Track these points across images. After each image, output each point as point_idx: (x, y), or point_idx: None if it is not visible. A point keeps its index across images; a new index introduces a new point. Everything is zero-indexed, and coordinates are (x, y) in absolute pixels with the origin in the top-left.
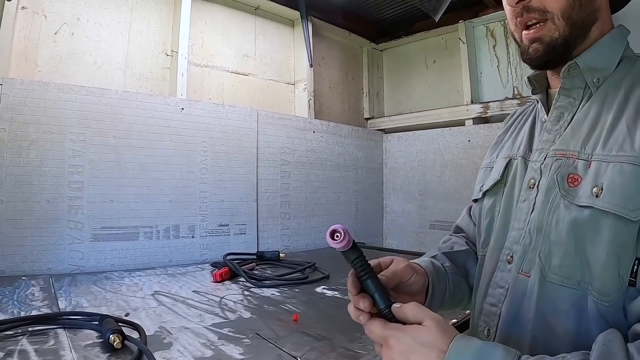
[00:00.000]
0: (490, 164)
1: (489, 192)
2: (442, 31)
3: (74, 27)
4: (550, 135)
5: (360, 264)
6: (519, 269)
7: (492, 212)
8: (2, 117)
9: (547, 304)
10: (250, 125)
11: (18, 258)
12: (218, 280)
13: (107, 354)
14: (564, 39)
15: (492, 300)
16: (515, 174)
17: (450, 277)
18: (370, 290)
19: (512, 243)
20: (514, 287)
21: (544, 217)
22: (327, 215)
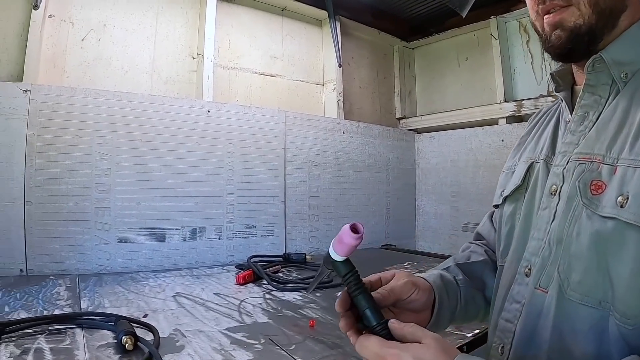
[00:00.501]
0: (512, 167)
1: (510, 198)
2: (473, 27)
3: (101, 33)
4: (574, 137)
5: (352, 278)
6: (536, 283)
7: (512, 219)
8: (31, 122)
9: (564, 323)
10: (278, 126)
11: (47, 258)
12: (241, 282)
13: (119, 355)
14: (589, 27)
15: (507, 315)
16: (537, 178)
17: (462, 291)
18: (361, 307)
19: (531, 254)
20: (531, 303)
21: (565, 227)
22: (357, 216)
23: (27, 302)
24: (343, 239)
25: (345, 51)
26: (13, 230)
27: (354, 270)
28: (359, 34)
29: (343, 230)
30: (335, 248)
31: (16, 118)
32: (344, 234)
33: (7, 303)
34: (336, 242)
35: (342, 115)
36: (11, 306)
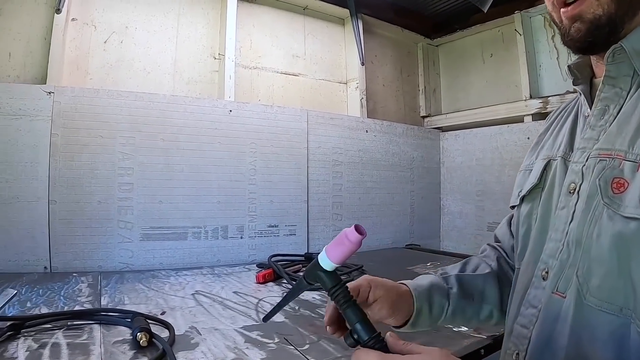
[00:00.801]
0: (529, 166)
1: (527, 198)
2: (498, 23)
3: (123, 35)
4: (593, 132)
5: (340, 291)
6: (553, 287)
7: (529, 220)
8: (55, 123)
9: (583, 331)
10: (300, 125)
11: (70, 255)
12: (261, 281)
13: (134, 351)
14: (609, 16)
15: (523, 321)
16: (554, 177)
17: (451, 304)
18: (351, 321)
19: (549, 257)
20: (547, 308)
21: (584, 228)
22: (380, 216)
23: (48, 298)
24: (346, 239)
25: (368, 49)
26: (37, 228)
27: (340, 282)
28: (382, 31)
29: (345, 231)
30: (329, 254)
31: (40, 119)
32: (348, 233)
33: (29, 299)
34: (333, 246)
35: (365, 113)
36: (33, 302)
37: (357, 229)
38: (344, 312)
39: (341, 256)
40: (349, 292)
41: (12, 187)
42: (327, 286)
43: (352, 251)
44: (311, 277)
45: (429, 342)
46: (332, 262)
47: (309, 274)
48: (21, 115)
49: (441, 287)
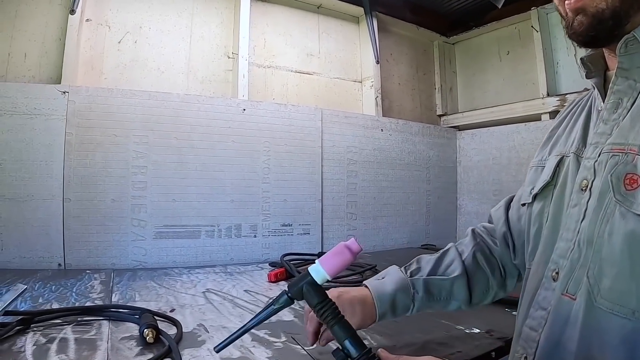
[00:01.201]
0: (541, 162)
1: (539, 196)
2: (514, 20)
3: (137, 35)
4: (606, 127)
5: (326, 307)
6: (563, 289)
7: (540, 218)
8: (69, 122)
9: (593, 335)
10: (315, 124)
11: (84, 253)
12: (273, 280)
13: (140, 347)
14: (613, 10)
15: (532, 323)
16: (567, 173)
17: (415, 306)
18: (340, 337)
19: (559, 256)
20: (557, 311)
21: (596, 227)
22: (396, 215)
23: (60, 295)
24: (346, 249)
25: (383, 48)
26: (52, 225)
27: (327, 298)
28: (397, 30)
29: (345, 243)
30: (325, 264)
31: (55, 118)
32: (350, 244)
33: (42, 295)
34: (330, 257)
35: (380, 112)
36: (45, 298)
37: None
38: (331, 328)
39: (337, 267)
40: (336, 308)
41: (27, 185)
42: (314, 301)
43: (349, 263)
44: (296, 291)
45: (439, 341)
46: (327, 274)
47: (293, 288)
48: (36, 115)
49: (406, 290)
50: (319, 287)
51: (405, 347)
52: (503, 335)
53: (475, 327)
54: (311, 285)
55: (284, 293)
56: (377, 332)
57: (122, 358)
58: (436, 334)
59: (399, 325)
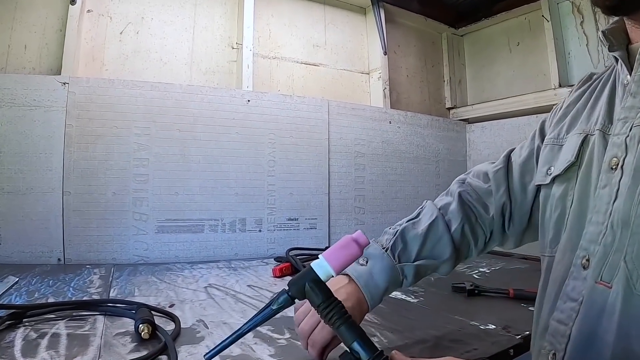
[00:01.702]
0: (557, 139)
1: (560, 178)
2: (524, 10)
3: (139, 26)
4: (635, 100)
5: (332, 306)
6: (597, 276)
7: (563, 202)
8: (69, 114)
9: (632, 325)
10: (321, 116)
11: (84, 247)
12: (278, 275)
13: (135, 344)
14: None
15: (560, 316)
16: (593, 152)
17: (403, 286)
18: (347, 339)
19: (589, 242)
20: (590, 301)
21: (632, 206)
22: (404, 210)
23: (57, 289)
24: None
25: (390, 39)
26: (51, 219)
27: (331, 296)
28: (405, 21)
29: (351, 235)
30: (330, 259)
31: (55, 110)
32: (357, 236)
33: (38, 290)
34: (336, 250)
35: (388, 104)
36: (41, 292)
37: None
38: (337, 329)
39: (343, 262)
40: (342, 307)
41: (27, 178)
42: (318, 300)
43: (356, 257)
44: (297, 290)
45: (453, 338)
46: (332, 270)
47: (295, 286)
48: (36, 106)
49: (397, 279)
50: (323, 284)
51: (417, 345)
52: (520, 332)
53: (490, 323)
54: (314, 282)
55: (284, 292)
56: (387, 329)
57: (115, 355)
58: (449, 331)
59: (410, 321)
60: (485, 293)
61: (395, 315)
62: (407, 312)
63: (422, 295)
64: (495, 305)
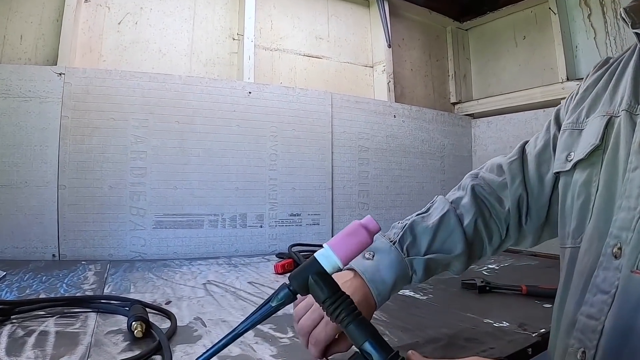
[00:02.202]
0: (577, 124)
1: (583, 163)
2: (530, 3)
3: (138, 16)
4: None
5: (337, 304)
6: (632, 265)
7: (588, 188)
8: (65, 105)
9: None
10: (324, 109)
11: (80, 243)
12: (279, 272)
13: (127, 343)
14: None
15: (590, 310)
16: (619, 134)
17: (412, 283)
18: (358, 340)
19: (621, 229)
20: (625, 292)
21: None
22: (409, 206)
23: (50, 285)
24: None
25: (394, 32)
26: (46, 214)
27: (338, 291)
28: (409, 14)
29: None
30: (337, 248)
31: (50, 101)
32: (367, 222)
33: (29, 286)
34: (342, 239)
35: (392, 98)
36: (33, 288)
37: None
38: (346, 328)
39: (352, 251)
40: (351, 303)
41: (21, 171)
42: (323, 295)
43: (365, 246)
44: (300, 283)
45: (467, 337)
46: (338, 260)
47: (297, 279)
48: (31, 97)
49: (405, 275)
50: (329, 277)
51: (430, 344)
52: (536, 330)
53: (504, 321)
54: (319, 275)
55: (285, 287)
56: (396, 327)
57: (105, 354)
58: (462, 329)
59: (420, 319)
60: (496, 290)
61: (403, 313)
62: (417, 310)
63: (430, 292)
64: (508, 302)
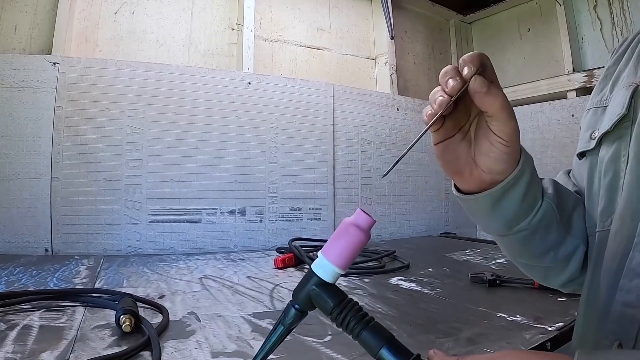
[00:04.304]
0: (601, 101)
1: (609, 137)
2: None
3: (134, 6)
4: None
5: (345, 312)
6: None
7: (616, 164)
8: (59, 95)
9: None
10: (326, 101)
11: (73, 237)
12: (280, 266)
13: (115, 337)
14: None
15: (626, 297)
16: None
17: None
18: (372, 349)
19: None
20: None
21: None
22: (413, 201)
23: (39, 279)
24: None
25: (397, 25)
26: (39, 207)
27: (345, 298)
28: (412, 6)
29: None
30: (329, 255)
31: (44, 91)
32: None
33: (19, 280)
34: (334, 243)
35: (395, 90)
36: (22, 282)
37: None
38: (358, 338)
39: (347, 254)
40: (361, 308)
41: (13, 163)
42: (329, 306)
43: (362, 244)
44: (303, 300)
45: (481, 332)
46: (336, 267)
47: (300, 296)
48: (24, 87)
49: (539, 180)
50: (332, 286)
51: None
52: (553, 323)
53: (518, 315)
54: (320, 286)
55: (291, 305)
56: (405, 322)
57: (89, 349)
58: (475, 323)
59: (430, 313)
60: (507, 284)
61: (412, 307)
62: (426, 304)
63: (438, 286)
64: (520, 296)
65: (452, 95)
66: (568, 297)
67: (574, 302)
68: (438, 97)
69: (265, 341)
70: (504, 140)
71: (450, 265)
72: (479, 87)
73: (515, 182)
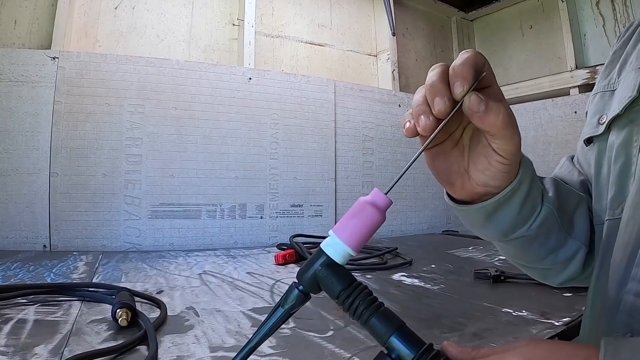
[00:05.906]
0: (609, 85)
1: (620, 120)
2: None
3: (135, 1)
4: None
5: (354, 296)
6: None
7: (627, 149)
8: (58, 90)
9: None
10: (327, 97)
11: (72, 233)
12: (280, 262)
13: (111, 332)
14: None
15: (639, 287)
16: None
17: (544, 209)
18: (383, 333)
19: None
20: None
21: None
22: (415, 198)
23: (36, 274)
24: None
25: (399, 22)
26: (37, 203)
27: (354, 281)
28: (413, 3)
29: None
30: (342, 234)
31: (43, 86)
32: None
33: (15, 275)
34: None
35: (397, 87)
36: (18, 277)
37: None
38: (367, 324)
39: (362, 234)
40: (371, 292)
41: (11, 158)
42: (337, 288)
43: (377, 225)
44: (309, 281)
45: (487, 327)
46: (348, 247)
47: (305, 277)
48: (23, 82)
49: (539, 184)
50: (341, 268)
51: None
52: (560, 318)
53: (524, 310)
54: (328, 267)
55: (294, 287)
56: (409, 317)
57: (84, 344)
58: (481, 319)
59: (434, 309)
60: (511, 279)
61: (415, 303)
62: (429, 300)
63: (442, 282)
64: (525, 291)
65: (439, 117)
66: (574, 293)
67: (581, 297)
68: (421, 118)
69: (262, 325)
70: (506, 159)
71: (453, 261)
72: (475, 107)
73: (512, 195)
